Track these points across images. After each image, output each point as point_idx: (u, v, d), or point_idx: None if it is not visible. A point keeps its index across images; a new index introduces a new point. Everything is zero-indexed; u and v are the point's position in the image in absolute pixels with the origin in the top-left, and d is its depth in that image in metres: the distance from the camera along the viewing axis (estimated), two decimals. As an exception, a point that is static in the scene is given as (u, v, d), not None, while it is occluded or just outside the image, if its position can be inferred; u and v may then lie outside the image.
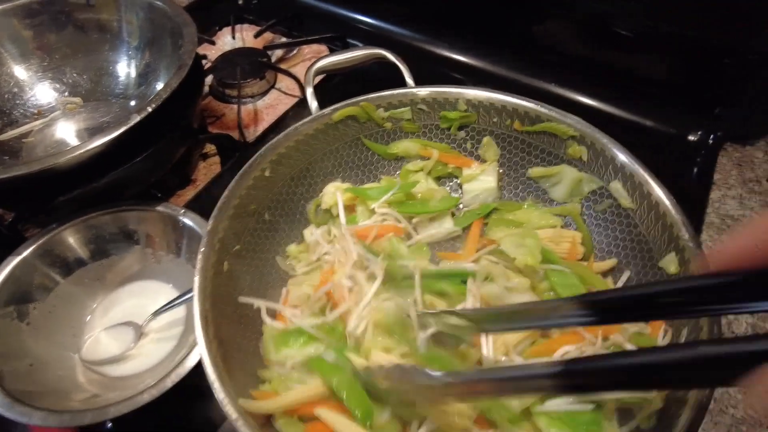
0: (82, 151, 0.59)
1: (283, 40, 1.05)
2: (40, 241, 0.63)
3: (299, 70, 0.98)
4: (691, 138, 0.85)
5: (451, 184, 0.73)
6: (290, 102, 0.94)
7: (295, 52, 1.04)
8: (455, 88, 0.67)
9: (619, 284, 0.59)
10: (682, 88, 0.88)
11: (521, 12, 0.95)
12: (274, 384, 0.50)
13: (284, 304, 0.59)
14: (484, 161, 0.70)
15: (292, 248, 0.65)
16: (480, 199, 0.69)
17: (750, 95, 0.83)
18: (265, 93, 0.96)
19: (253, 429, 0.41)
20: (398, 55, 0.71)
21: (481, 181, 0.69)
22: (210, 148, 0.87)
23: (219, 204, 0.55)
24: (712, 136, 0.84)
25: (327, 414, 0.46)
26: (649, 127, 0.88)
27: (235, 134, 0.87)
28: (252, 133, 0.89)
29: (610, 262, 0.61)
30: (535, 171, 0.67)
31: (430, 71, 0.79)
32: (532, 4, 0.93)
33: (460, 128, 0.70)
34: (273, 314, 0.57)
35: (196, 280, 0.49)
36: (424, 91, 0.67)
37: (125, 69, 0.83)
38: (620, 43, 0.89)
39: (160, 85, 0.80)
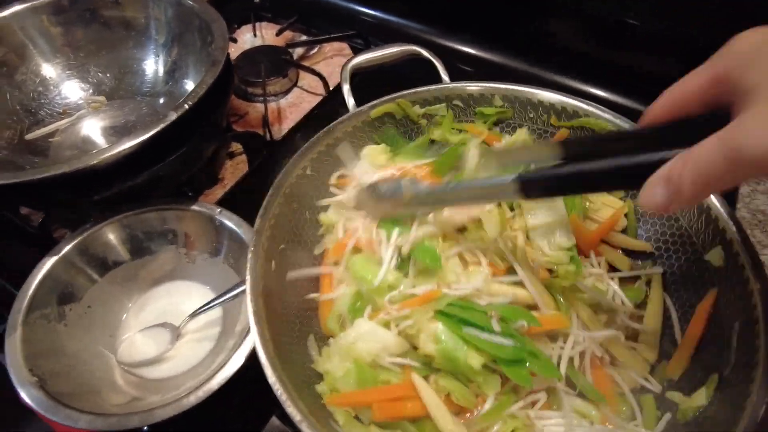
0: (119, 149, 0.58)
1: (304, 38, 1.05)
2: (77, 240, 0.62)
3: (321, 68, 0.97)
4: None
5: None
6: (313, 100, 0.94)
7: (315, 50, 1.03)
8: (492, 83, 0.67)
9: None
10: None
11: (534, 6, 0.95)
12: (330, 381, 0.49)
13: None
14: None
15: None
16: None
17: None
18: (287, 91, 0.96)
19: (318, 430, 0.41)
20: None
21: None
22: (236, 147, 0.86)
23: (264, 203, 0.54)
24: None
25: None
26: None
27: (261, 132, 0.86)
28: (277, 132, 0.88)
29: (644, 245, 0.61)
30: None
31: (446, 66, 0.78)
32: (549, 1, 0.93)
33: (496, 124, 0.69)
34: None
35: (248, 279, 0.49)
36: (460, 87, 0.67)
37: (152, 66, 0.82)
38: (641, 39, 0.89)
39: (188, 83, 0.79)
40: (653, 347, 0.56)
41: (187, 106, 0.62)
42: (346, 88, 0.66)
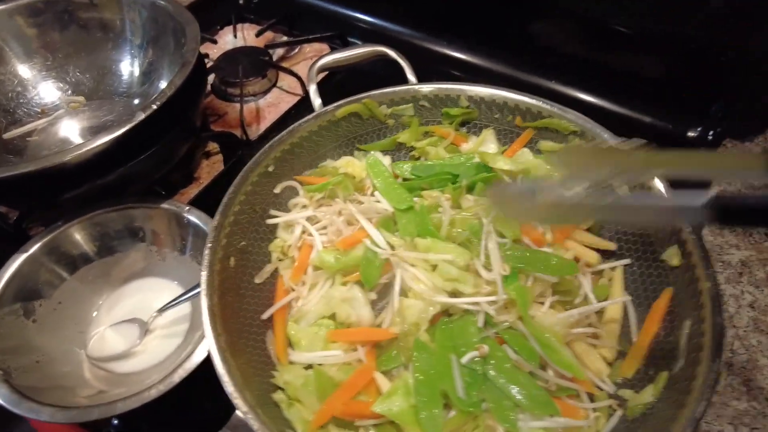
0: (88, 148, 0.59)
1: (284, 38, 1.06)
2: (46, 239, 0.63)
3: (300, 69, 0.98)
4: (690, 134, 0.86)
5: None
6: (292, 100, 0.95)
7: (296, 50, 1.04)
8: (457, 84, 0.67)
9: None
10: (680, 84, 0.89)
11: (520, 10, 0.95)
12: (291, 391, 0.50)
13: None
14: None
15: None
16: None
17: (748, 92, 0.84)
18: (266, 91, 0.97)
19: (263, 423, 0.42)
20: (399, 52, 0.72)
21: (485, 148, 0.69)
22: (212, 146, 0.87)
23: (224, 200, 0.55)
24: (711, 133, 0.85)
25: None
26: (648, 123, 0.88)
27: (238, 132, 0.87)
28: (254, 131, 0.89)
29: (609, 244, 0.62)
30: (544, 145, 0.67)
31: (429, 69, 0.79)
32: (531, 2, 0.94)
33: (462, 124, 0.70)
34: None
35: (204, 274, 0.50)
36: (426, 88, 0.68)
37: (128, 68, 0.83)
38: (619, 40, 0.89)
39: (163, 84, 0.80)
40: (612, 347, 0.56)
41: (154, 107, 0.63)
42: (312, 88, 0.67)
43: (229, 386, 0.43)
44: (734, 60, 0.81)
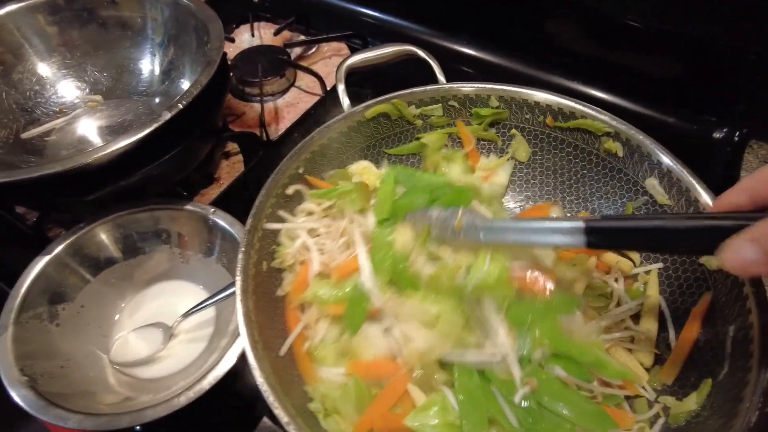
0: (113, 149, 0.58)
1: (302, 38, 1.04)
2: (70, 239, 0.62)
3: (319, 68, 0.97)
4: (716, 135, 0.85)
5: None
6: (310, 100, 0.93)
7: (314, 50, 1.03)
8: (487, 84, 0.66)
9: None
10: (705, 84, 0.88)
11: (535, 7, 0.94)
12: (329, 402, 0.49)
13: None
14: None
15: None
16: (486, 191, 0.66)
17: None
18: (285, 91, 0.95)
19: None
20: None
21: (496, 174, 0.69)
22: (232, 146, 0.86)
23: (257, 203, 0.54)
24: (737, 134, 0.84)
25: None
26: (673, 125, 0.87)
27: (258, 132, 0.86)
28: (274, 132, 0.88)
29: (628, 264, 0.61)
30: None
31: (445, 68, 0.78)
32: (552, 1, 0.93)
33: (491, 125, 0.69)
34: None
35: (238, 279, 0.49)
36: (456, 88, 0.66)
37: (148, 66, 0.82)
38: (642, 41, 0.88)
39: (184, 83, 0.79)
40: (649, 351, 0.55)
41: (181, 106, 0.61)
42: (341, 88, 0.66)
43: (269, 396, 0.42)
44: (760, 59, 0.80)
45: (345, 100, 0.66)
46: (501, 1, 0.96)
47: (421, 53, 0.69)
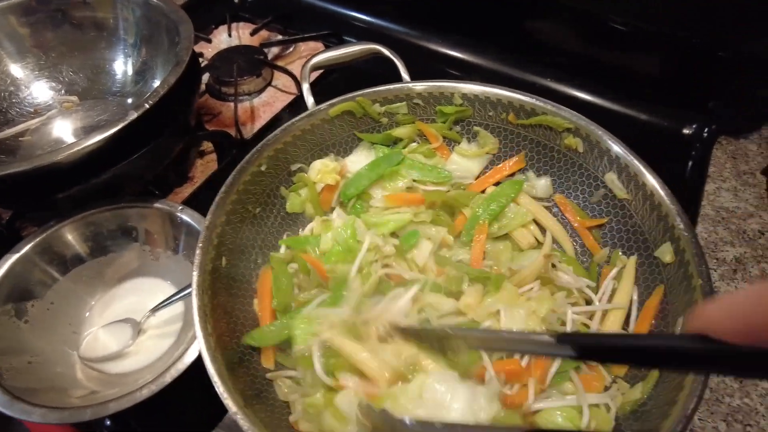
0: (80, 147, 0.59)
1: (279, 37, 1.05)
2: (39, 239, 0.63)
3: (296, 67, 0.98)
4: (685, 131, 0.86)
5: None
6: (287, 99, 0.94)
7: (291, 49, 1.04)
8: (451, 82, 0.67)
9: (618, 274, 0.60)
10: (676, 82, 0.89)
11: (516, 8, 0.95)
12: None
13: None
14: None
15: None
16: (456, 177, 0.69)
17: (743, 89, 0.84)
18: (261, 90, 0.96)
19: (253, 423, 0.42)
20: (394, 51, 0.72)
21: (472, 161, 0.70)
22: (207, 145, 0.87)
23: (216, 200, 0.55)
24: (706, 130, 0.85)
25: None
26: (644, 121, 0.88)
27: (232, 132, 0.87)
28: (249, 131, 0.89)
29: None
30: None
31: (425, 67, 0.79)
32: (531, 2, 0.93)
33: (456, 123, 0.70)
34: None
35: (195, 275, 0.50)
36: (419, 86, 0.67)
37: (122, 67, 0.83)
38: (615, 38, 0.89)
39: (157, 83, 0.80)
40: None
41: (147, 106, 0.62)
42: (305, 87, 0.67)
43: (219, 386, 0.43)
44: (730, 57, 0.81)
45: (309, 99, 0.67)
46: (478, 2, 0.97)
47: (386, 52, 0.70)
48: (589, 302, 0.58)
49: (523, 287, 0.56)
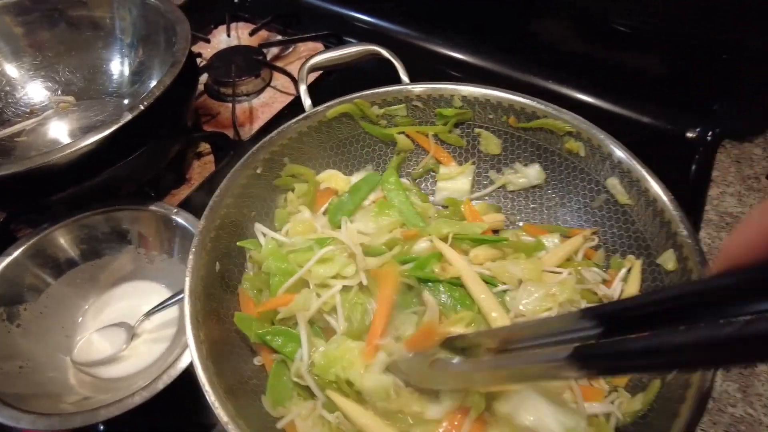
0: (75, 148, 0.58)
1: (279, 37, 1.05)
2: (31, 242, 0.62)
3: (294, 68, 0.97)
4: (689, 135, 0.85)
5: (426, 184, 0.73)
6: (285, 100, 0.94)
7: (290, 50, 1.03)
8: (450, 84, 0.66)
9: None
10: (679, 84, 0.87)
11: (517, 8, 0.94)
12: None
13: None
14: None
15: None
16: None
17: (747, 92, 0.83)
18: (260, 91, 0.96)
19: None
20: (393, 52, 0.71)
21: (457, 181, 0.70)
22: (204, 147, 0.86)
23: (210, 203, 0.54)
24: (710, 133, 0.84)
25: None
26: (646, 124, 0.87)
27: (230, 133, 0.86)
28: (247, 132, 0.88)
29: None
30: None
31: (426, 68, 0.78)
32: (528, 0, 0.92)
33: (456, 125, 0.69)
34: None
35: (187, 280, 0.49)
36: (419, 88, 0.66)
37: (119, 67, 0.82)
38: (617, 40, 0.88)
39: (154, 83, 0.79)
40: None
41: (142, 107, 0.62)
42: (302, 88, 0.66)
43: (210, 395, 0.42)
44: (734, 59, 0.80)
45: (307, 101, 0.66)
46: (479, 3, 0.96)
47: (385, 53, 0.69)
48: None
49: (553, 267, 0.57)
